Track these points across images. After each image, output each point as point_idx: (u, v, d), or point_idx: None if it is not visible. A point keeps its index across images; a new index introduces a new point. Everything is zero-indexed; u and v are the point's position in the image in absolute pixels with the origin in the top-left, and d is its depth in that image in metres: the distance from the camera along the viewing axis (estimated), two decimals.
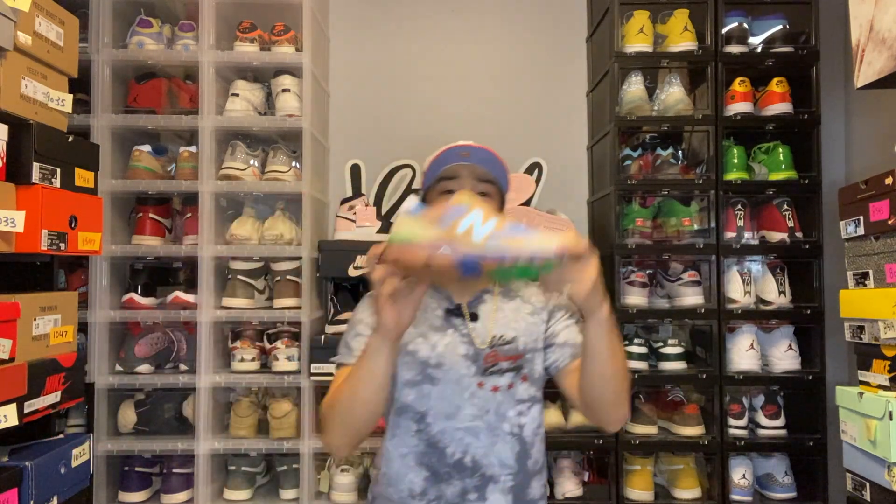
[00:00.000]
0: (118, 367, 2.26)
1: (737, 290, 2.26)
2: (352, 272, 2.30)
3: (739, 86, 2.30)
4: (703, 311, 2.25)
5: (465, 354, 1.24)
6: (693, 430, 2.23)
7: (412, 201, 1.14)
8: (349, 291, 2.42)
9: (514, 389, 1.26)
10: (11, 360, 1.42)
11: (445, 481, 1.22)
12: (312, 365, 2.20)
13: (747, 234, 2.31)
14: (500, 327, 1.27)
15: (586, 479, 2.31)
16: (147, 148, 2.33)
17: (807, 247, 2.26)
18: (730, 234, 2.29)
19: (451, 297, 1.29)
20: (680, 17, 2.30)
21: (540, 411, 1.30)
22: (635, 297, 2.29)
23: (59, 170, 1.58)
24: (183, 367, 2.31)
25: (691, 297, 2.26)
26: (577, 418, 2.25)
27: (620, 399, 1.17)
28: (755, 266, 2.34)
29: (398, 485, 1.25)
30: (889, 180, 1.54)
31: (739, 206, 2.31)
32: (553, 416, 2.25)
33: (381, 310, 1.07)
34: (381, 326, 1.09)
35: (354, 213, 2.40)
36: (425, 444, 1.23)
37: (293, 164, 2.36)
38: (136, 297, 2.26)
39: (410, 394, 1.24)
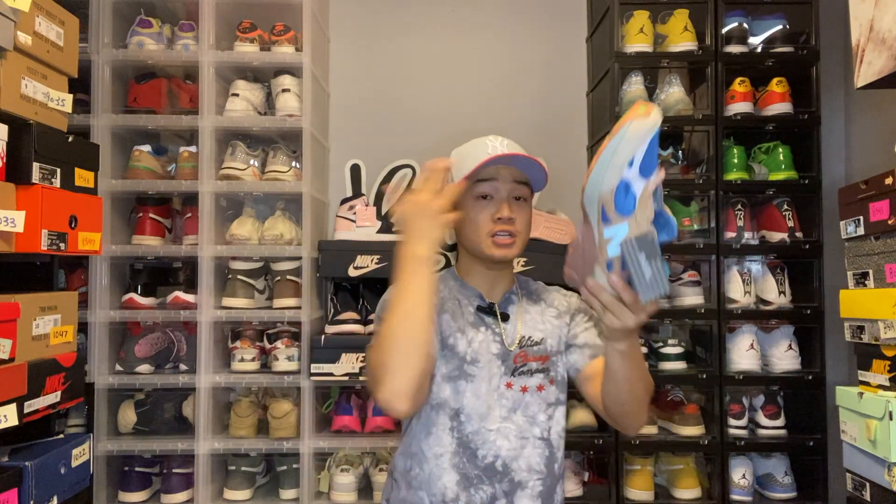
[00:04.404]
0: (118, 367, 2.26)
1: (737, 290, 2.26)
2: (352, 272, 2.30)
3: (739, 86, 2.30)
4: (703, 311, 2.25)
5: (496, 353, 1.25)
6: (693, 430, 2.23)
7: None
8: (349, 291, 2.42)
9: (545, 392, 1.26)
10: (11, 360, 1.42)
11: (475, 486, 1.21)
12: (312, 365, 2.20)
13: (747, 234, 2.31)
14: (528, 328, 1.28)
15: (586, 479, 2.30)
16: (147, 148, 2.33)
17: (807, 247, 2.25)
18: (730, 234, 2.29)
19: (482, 295, 1.30)
20: (680, 17, 2.30)
21: (563, 414, 1.29)
22: None
23: (59, 170, 1.58)
24: (183, 367, 2.31)
25: (691, 297, 2.26)
26: (577, 418, 2.25)
27: (641, 409, 1.17)
28: (755, 266, 2.34)
29: (431, 488, 1.21)
30: (889, 180, 1.54)
31: (739, 206, 2.30)
32: None
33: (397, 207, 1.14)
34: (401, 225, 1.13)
35: (354, 213, 2.40)
36: (458, 443, 1.21)
37: (293, 164, 2.36)
38: (136, 297, 2.26)
39: (447, 389, 1.22)
